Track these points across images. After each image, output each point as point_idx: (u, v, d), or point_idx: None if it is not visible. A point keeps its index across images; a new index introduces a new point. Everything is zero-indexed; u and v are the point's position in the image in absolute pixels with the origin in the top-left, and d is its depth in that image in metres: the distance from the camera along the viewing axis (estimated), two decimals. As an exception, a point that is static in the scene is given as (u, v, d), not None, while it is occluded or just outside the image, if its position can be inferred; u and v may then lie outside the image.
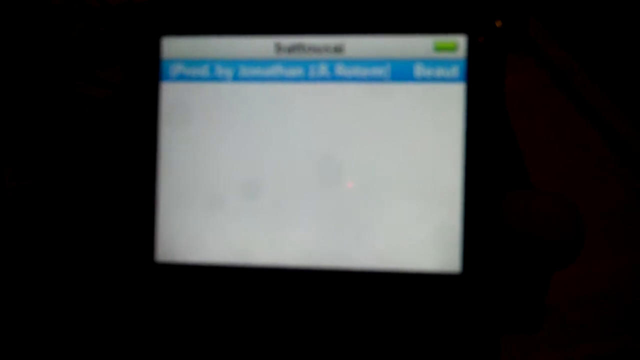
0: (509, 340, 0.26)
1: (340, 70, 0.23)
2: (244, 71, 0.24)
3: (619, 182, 0.39)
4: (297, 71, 0.24)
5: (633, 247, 0.34)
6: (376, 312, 0.24)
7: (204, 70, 0.24)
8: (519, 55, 0.49)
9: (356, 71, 0.23)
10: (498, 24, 0.22)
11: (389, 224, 0.23)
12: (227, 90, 0.24)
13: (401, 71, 0.23)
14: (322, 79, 0.23)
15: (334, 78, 0.23)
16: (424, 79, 0.23)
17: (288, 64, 0.24)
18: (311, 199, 0.23)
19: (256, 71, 0.24)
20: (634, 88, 0.46)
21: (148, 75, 0.24)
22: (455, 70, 0.23)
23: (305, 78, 0.23)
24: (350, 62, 0.23)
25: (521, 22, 0.50)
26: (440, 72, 0.23)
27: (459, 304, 0.23)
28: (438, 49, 0.23)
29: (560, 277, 0.25)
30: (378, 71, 0.23)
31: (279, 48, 0.24)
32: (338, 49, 0.23)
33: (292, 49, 0.23)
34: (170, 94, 0.24)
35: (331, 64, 0.23)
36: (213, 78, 0.24)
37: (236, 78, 0.24)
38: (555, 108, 0.45)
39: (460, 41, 0.23)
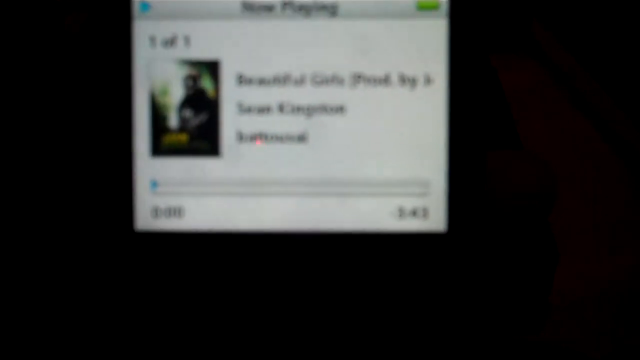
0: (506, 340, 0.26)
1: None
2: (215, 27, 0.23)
3: (620, 183, 0.39)
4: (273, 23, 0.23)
5: (632, 248, 0.34)
6: (362, 274, 0.23)
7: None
8: (521, 56, 0.49)
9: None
10: None
11: (371, 183, 0.23)
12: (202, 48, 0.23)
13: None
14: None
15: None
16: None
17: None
18: (294, 159, 0.23)
19: (226, 28, 0.23)
20: (636, 90, 0.46)
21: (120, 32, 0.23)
22: (438, 29, 0.23)
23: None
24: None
25: (524, 23, 0.50)
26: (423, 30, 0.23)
27: (445, 264, 0.23)
28: (421, 7, 0.23)
29: (558, 277, 0.25)
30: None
31: (245, 7, 0.23)
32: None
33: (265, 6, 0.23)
34: (143, 54, 0.23)
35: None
36: (187, 36, 0.23)
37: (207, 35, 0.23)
38: (557, 109, 0.45)
39: (442, 0, 0.23)
